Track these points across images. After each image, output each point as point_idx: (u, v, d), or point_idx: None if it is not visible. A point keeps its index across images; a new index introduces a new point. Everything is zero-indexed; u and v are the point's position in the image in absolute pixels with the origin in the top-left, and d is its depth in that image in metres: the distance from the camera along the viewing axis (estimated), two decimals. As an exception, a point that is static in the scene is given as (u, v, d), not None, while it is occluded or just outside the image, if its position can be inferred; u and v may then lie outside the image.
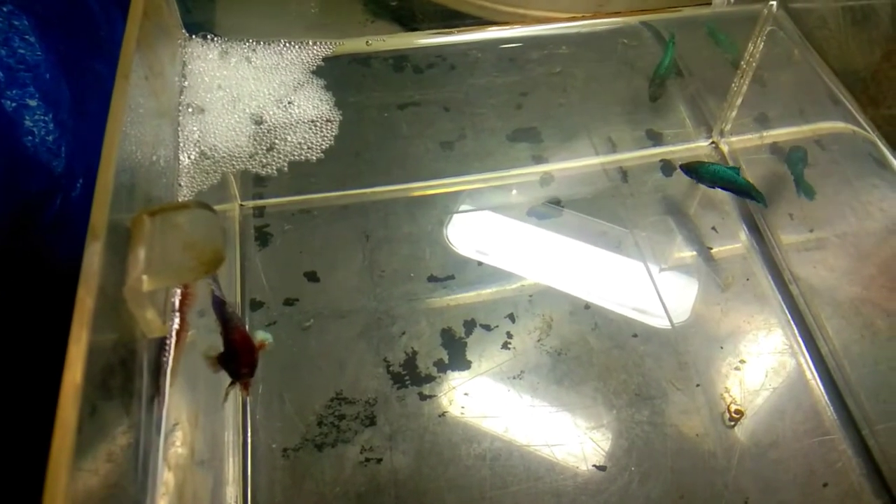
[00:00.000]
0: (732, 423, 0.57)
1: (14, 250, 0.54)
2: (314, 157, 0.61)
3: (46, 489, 0.26)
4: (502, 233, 0.68)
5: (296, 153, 0.60)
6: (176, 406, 0.42)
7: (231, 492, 0.53)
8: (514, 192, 0.71)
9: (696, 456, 0.56)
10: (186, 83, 0.55)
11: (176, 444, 0.41)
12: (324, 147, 0.61)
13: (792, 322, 0.63)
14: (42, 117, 0.55)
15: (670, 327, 0.62)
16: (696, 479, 0.55)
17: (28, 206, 0.55)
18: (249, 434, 0.56)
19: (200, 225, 0.34)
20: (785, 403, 0.59)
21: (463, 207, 0.70)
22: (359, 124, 0.72)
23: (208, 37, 0.65)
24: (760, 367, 0.60)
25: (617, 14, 0.74)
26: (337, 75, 0.69)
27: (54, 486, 0.26)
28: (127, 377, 0.34)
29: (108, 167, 0.34)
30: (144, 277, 0.33)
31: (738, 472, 0.55)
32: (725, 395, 0.59)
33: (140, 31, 0.40)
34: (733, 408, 0.58)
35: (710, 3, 0.74)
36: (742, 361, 0.61)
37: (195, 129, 0.52)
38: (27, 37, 0.54)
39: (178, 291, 0.42)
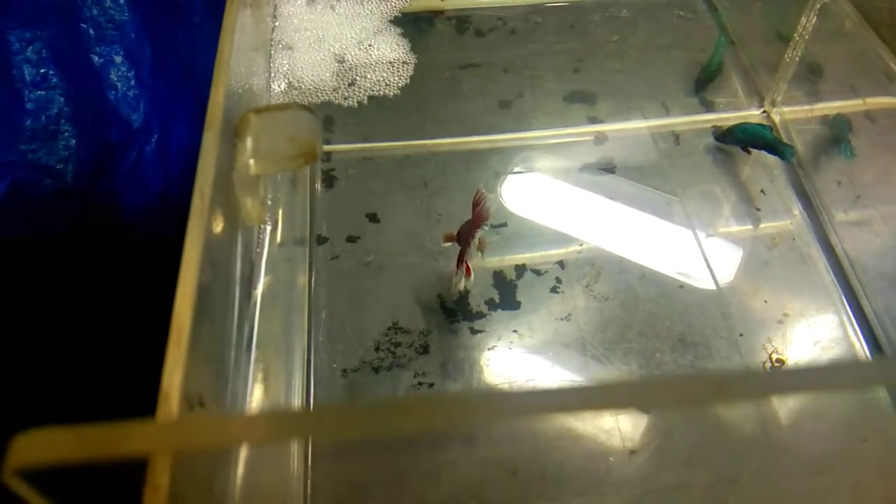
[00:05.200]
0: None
1: (92, 194, 0.59)
2: (391, 94, 0.64)
3: (172, 330, 0.29)
4: (555, 188, 0.71)
5: (375, 89, 0.64)
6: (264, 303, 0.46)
7: (296, 403, 0.57)
8: (569, 150, 0.74)
9: (737, 402, 0.58)
10: (277, 23, 0.59)
11: (263, 339, 0.45)
12: (400, 84, 0.65)
13: (836, 282, 0.65)
14: (125, 73, 0.59)
15: (715, 285, 0.64)
16: (736, 424, 0.57)
17: (107, 154, 0.59)
18: (313, 353, 0.60)
19: (300, 122, 0.38)
20: (827, 357, 0.60)
21: (518, 161, 0.73)
22: (422, 82, 0.76)
23: (296, -16, 0.70)
24: (803, 322, 0.62)
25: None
26: (409, 30, 0.74)
27: (179, 326, 0.30)
28: (231, 252, 0.38)
29: (223, 69, 0.38)
30: (252, 162, 0.37)
31: (777, 419, 0.57)
32: (767, 345, 0.61)
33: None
34: (774, 357, 0.60)
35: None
36: (785, 315, 0.62)
37: (285, 62, 0.56)
38: (119, -2, 0.58)
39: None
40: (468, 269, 0.60)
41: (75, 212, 0.60)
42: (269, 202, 0.45)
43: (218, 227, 0.36)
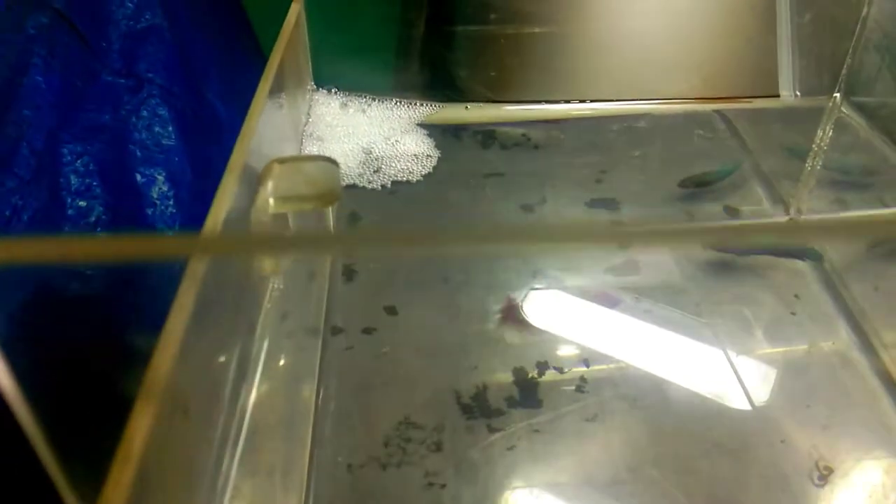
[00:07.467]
0: (822, 482, 0.54)
1: (119, 302, 0.60)
2: (414, 179, 0.67)
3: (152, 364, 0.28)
4: (577, 290, 0.70)
5: (399, 175, 0.66)
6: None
7: (293, 500, 0.53)
8: (591, 255, 0.74)
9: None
10: (310, 120, 0.64)
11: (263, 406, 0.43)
12: (423, 173, 0.68)
13: (883, 386, 0.60)
14: (166, 193, 0.63)
15: (749, 405, 0.61)
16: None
17: (138, 265, 0.61)
18: (318, 444, 0.56)
19: (322, 170, 0.39)
20: (878, 463, 0.55)
21: (539, 264, 0.72)
22: (447, 187, 0.78)
23: (332, 90, 0.75)
24: (850, 426, 0.57)
25: (691, 100, 0.81)
26: (436, 136, 0.78)
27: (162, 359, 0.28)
28: (238, 298, 0.37)
29: (253, 122, 0.39)
30: (271, 200, 0.37)
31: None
32: (813, 451, 0.55)
33: (280, 66, 0.47)
34: (822, 464, 0.54)
35: (778, 96, 0.80)
36: (830, 420, 0.57)
37: (314, 149, 0.60)
38: (167, 126, 0.63)
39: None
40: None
41: (99, 317, 0.60)
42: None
43: (227, 266, 0.35)
